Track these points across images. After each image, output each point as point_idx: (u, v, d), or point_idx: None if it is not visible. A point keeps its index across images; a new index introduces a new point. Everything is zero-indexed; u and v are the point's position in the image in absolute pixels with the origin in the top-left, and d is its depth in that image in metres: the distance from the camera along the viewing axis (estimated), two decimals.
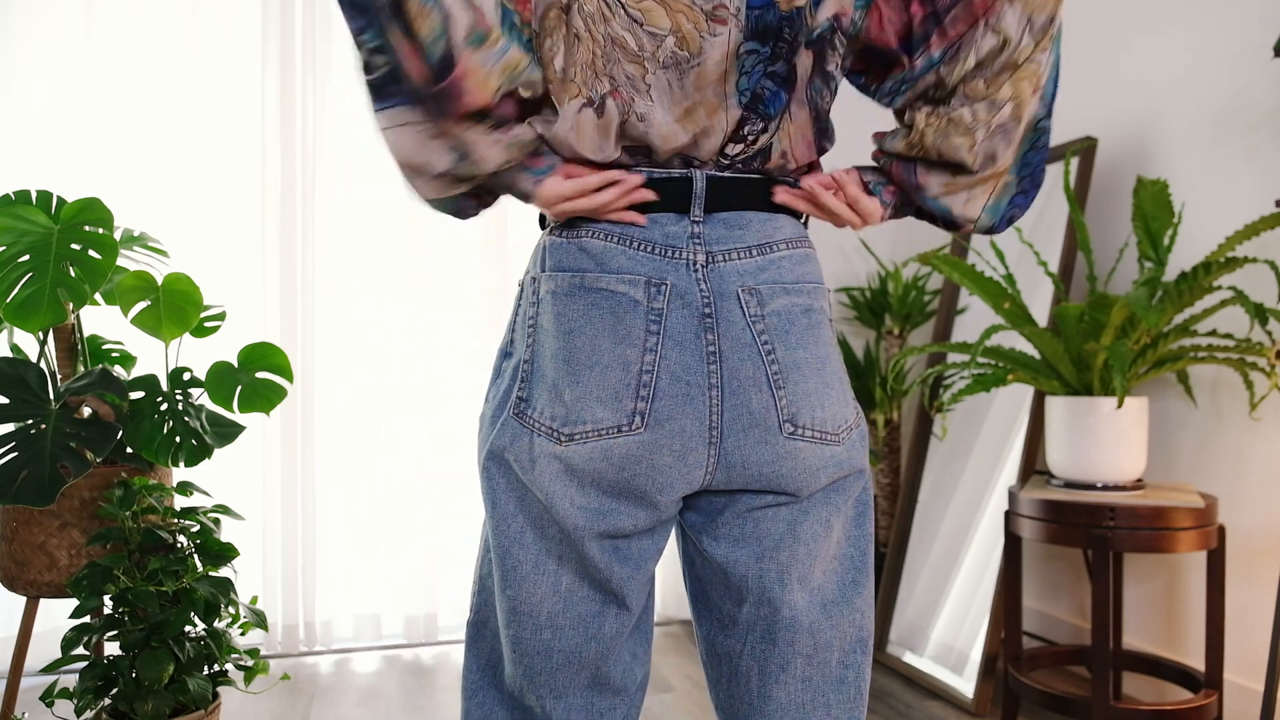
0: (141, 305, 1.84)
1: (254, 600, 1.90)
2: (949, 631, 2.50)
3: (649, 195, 0.91)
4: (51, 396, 1.77)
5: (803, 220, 0.99)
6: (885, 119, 1.14)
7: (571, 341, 0.91)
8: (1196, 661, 2.22)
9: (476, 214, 1.00)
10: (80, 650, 1.85)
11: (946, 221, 0.99)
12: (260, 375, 1.96)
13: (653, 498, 0.92)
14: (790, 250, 0.95)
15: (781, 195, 0.95)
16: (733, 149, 0.92)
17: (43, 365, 1.86)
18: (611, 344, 0.89)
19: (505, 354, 0.98)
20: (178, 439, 1.82)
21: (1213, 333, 2.00)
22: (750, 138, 0.92)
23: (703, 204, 0.92)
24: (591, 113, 0.90)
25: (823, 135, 0.97)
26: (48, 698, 1.69)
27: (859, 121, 3.36)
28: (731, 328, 0.90)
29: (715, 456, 0.91)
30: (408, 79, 0.83)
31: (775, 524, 0.94)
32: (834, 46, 0.92)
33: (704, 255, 0.91)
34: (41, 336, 1.89)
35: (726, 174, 0.93)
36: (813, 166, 1.00)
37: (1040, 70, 0.90)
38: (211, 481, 2.66)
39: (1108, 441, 1.98)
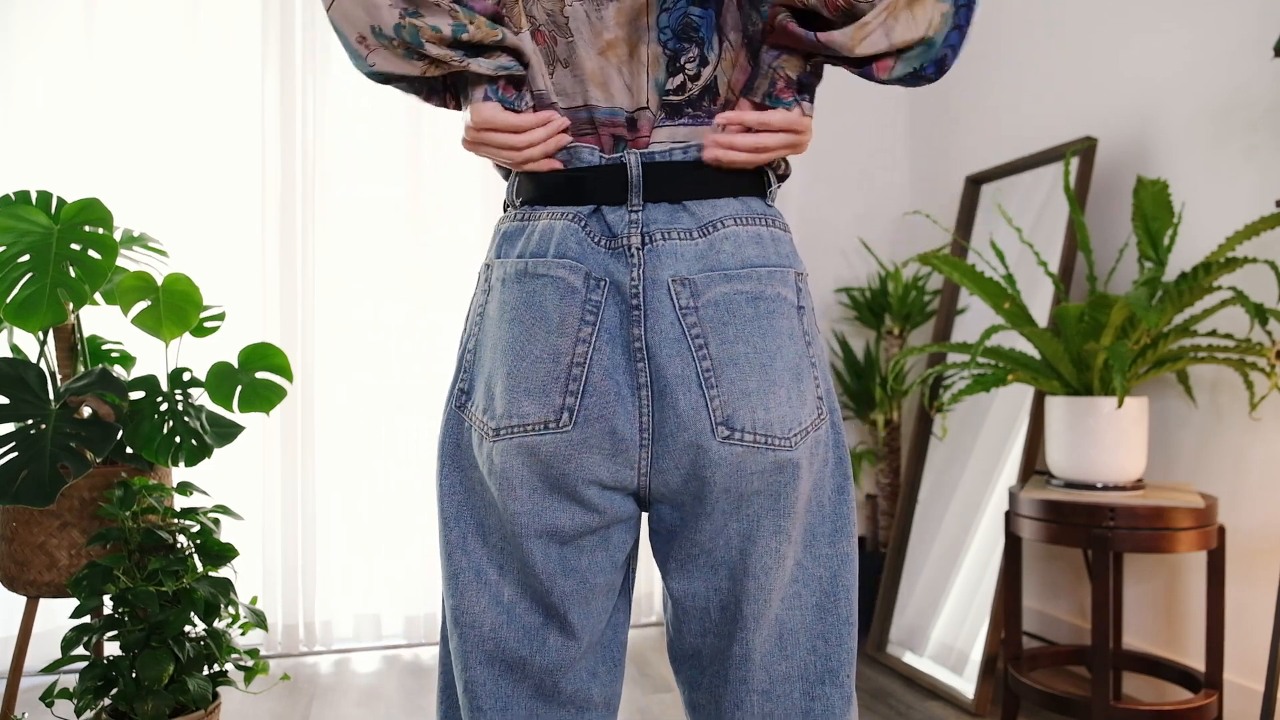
0: (141, 305, 1.84)
1: (254, 600, 1.90)
2: (949, 631, 2.50)
3: (565, 138, 0.88)
4: (51, 396, 1.77)
5: (766, 197, 0.92)
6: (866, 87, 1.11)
7: (510, 330, 0.86)
8: (1196, 661, 2.22)
9: (441, 104, 0.94)
10: (80, 650, 1.85)
11: (879, 57, 0.84)
12: (260, 375, 1.96)
13: (584, 497, 0.87)
14: (738, 228, 0.87)
15: (708, 153, 0.87)
16: (672, 83, 0.87)
17: (43, 365, 1.86)
18: (545, 333, 0.85)
19: (460, 344, 0.95)
20: (178, 439, 1.82)
21: (1213, 333, 2.00)
22: (690, 69, 0.87)
23: (640, 193, 0.86)
24: (529, 53, 0.88)
25: (758, 64, 0.90)
26: (48, 698, 1.69)
27: (844, 89, 3.32)
28: (660, 320, 0.84)
29: (648, 461, 0.85)
30: None
31: (728, 554, 0.88)
32: None
33: (640, 237, 0.85)
34: (41, 336, 1.89)
35: (669, 156, 0.87)
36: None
37: None
38: (211, 481, 2.66)
39: (1108, 441, 1.98)
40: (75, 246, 1.74)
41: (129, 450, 1.86)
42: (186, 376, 1.93)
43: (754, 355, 0.84)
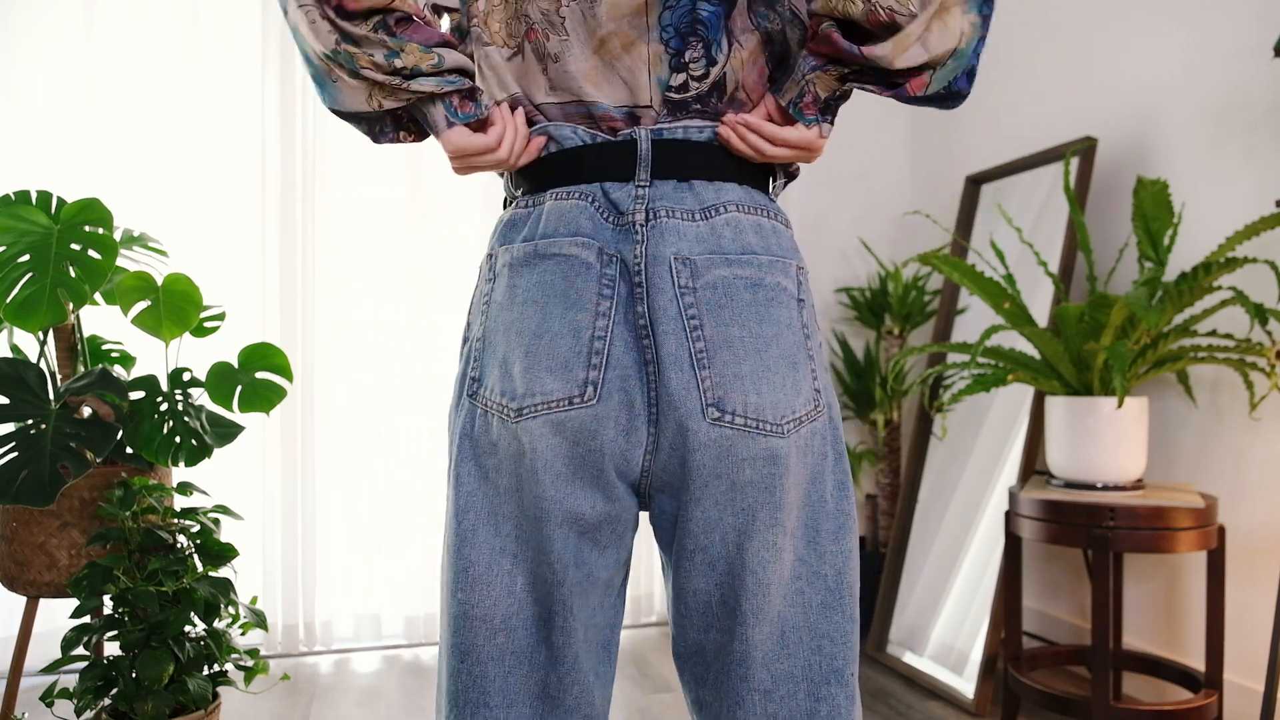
0: (141, 305, 1.84)
1: (254, 600, 1.90)
2: (949, 631, 2.50)
3: (539, 141, 0.90)
4: (51, 396, 1.77)
5: (770, 189, 0.94)
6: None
7: (524, 311, 0.86)
8: (1196, 661, 2.22)
9: (393, 140, 0.93)
10: (80, 650, 1.85)
11: (916, 70, 0.85)
12: (260, 375, 1.96)
13: (607, 477, 0.87)
14: (740, 215, 0.88)
15: (722, 128, 0.89)
16: (676, 79, 0.88)
17: (43, 365, 1.86)
18: (563, 309, 0.85)
19: (464, 339, 0.94)
20: (178, 439, 1.82)
21: (1213, 333, 2.00)
22: (695, 68, 0.87)
23: (648, 168, 0.87)
24: (516, 60, 0.89)
25: (777, 63, 0.90)
26: (48, 698, 1.69)
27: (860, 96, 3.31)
28: (660, 297, 0.84)
29: (653, 439, 0.86)
30: None
31: (724, 549, 0.87)
32: None
33: (644, 213, 0.86)
34: (41, 336, 1.89)
35: (677, 134, 0.88)
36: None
37: None
38: (211, 481, 2.66)
39: (1108, 441, 1.98)
40: (75, 246, 1.74)
41: (129, 450, 1.86)
42: (186, 376, 1.92)
43: (749, 340, 0.85)
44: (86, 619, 1.99)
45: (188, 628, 1.74)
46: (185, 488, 1.89)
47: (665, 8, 0.87)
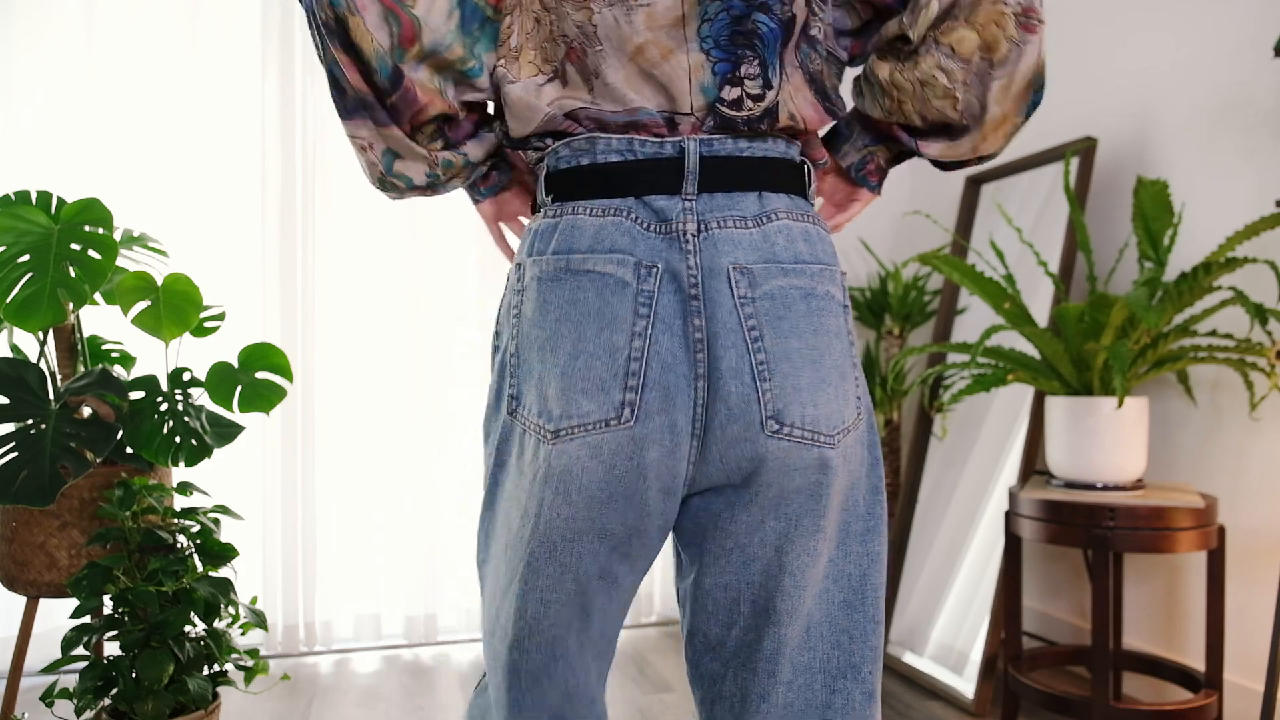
0: (141, 305, 1.84)
1: (254, 600, 1.90)
2: (949, 631, 2.50)
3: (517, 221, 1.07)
4: (51, 396, 1.77)
5: (808, 196, 0.94)
6: None
7: (557, 330, 0.85)
8: (1196, 661, 2.22)
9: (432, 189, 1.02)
10: (80, 650, 1.85)
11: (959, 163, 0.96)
12: (260, 375, 1.96)
13: (642, 495, 0.86)
14: (790, 222, 0.88)
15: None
16: (729, 94, 0.87)
17: (43, 365, 1.86)
18: (597, 330, 0.84)
19: (494, 347, 0.94)
20: (178, 439, 1.82)
21: (1213, 333, 2.00)
22: (752, 85, 0.87)
23: (695, 181, 0.86)
24: (553, 84, 0.88)
25: (825, 98, 0.91)
26: (48, 698, 1.69)
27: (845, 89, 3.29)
28: (719, 310, 0.84)
29: (696, 452, 0.85)
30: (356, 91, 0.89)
31: (763, 549, 0.88)
32: (812, 10, 0.89)
33: (695, 223, 0.85)
34: (41, 336, 1.89)
35: (727, 148, 0.87)
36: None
37: (1005, 12, 0.84)
38: (211, 481, 2.66)
39: (1108, 441, 1.98)
40: (75, 246, 1.74)
41: (129, 450, 1.86)
42: (186, 376, 1.92)
43: (806, 351, 0.85)
44: (86, 619, 1.99)
45: (188, 628, 1.74)
46: (185, 488, 1.89)
47: (704, 20, 0.86)
